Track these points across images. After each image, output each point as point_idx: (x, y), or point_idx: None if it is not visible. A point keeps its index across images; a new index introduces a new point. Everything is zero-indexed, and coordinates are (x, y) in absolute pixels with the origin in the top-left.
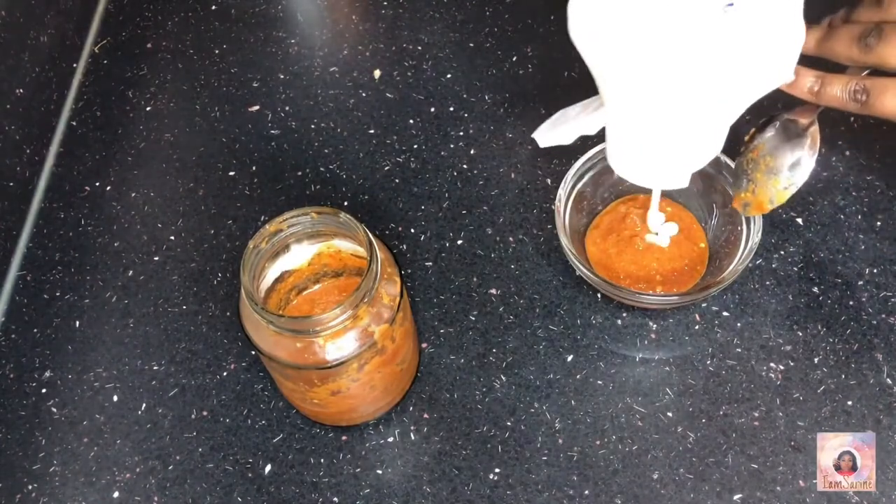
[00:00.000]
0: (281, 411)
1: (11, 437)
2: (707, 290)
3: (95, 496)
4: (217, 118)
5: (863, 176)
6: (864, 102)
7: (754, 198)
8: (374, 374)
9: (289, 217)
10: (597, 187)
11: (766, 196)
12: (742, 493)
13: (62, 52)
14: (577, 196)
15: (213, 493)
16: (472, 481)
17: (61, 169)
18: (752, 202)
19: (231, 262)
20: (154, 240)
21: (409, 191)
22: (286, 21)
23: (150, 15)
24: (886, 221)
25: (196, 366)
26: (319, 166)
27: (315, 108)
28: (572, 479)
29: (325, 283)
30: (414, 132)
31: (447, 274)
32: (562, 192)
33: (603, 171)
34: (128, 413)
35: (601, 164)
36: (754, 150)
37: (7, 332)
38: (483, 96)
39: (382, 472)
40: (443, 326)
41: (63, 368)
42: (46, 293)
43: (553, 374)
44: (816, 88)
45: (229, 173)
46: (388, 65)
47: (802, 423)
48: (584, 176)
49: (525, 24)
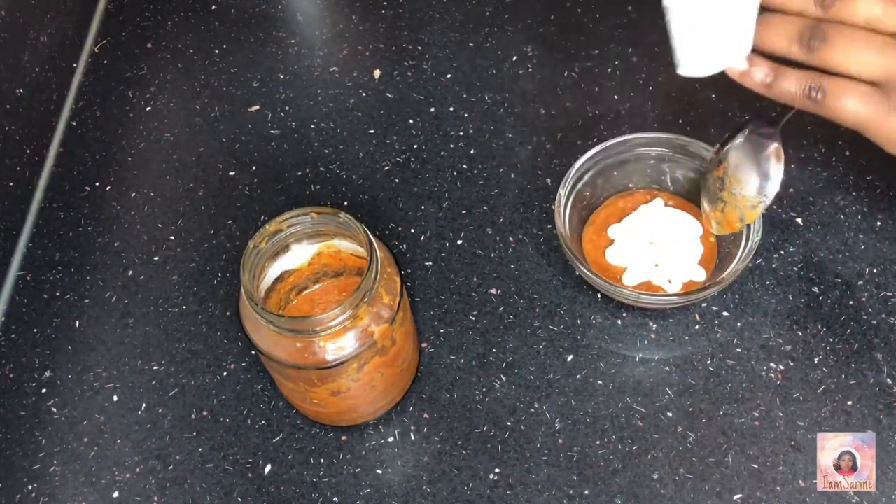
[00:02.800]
0: (281, 411)
1: (11, 437)
2: (707, 290)
3: (95, 496)
4: (217, 118)
5: (863, 176)
6: (819, 101)
7: (724, 216)
8: (374, 374)
9: (289, 217)
10: (596, 187)
11: (736, 214)
12: (742, 493)
13: (62, 52)
14: (577, 196)
15: (213, 493)
16: (472, 481)
17: (61, 169)
18: (721, 221)
19: (231, 262)
20: (154, 240)
21: (409, 191)
22: (286, 21)
23: (150, 15)
24: (886, 221)
25: (196, 366)
26: (319, 166)
27: (315, 108)
28: (572, 479)
29: (325, 283)
30: (414, 132)
31: (447, 274)
32: (562, 192)
33: (603, 170)
34: (128, 413)
35: (601, 163)
36: (720, 167)
37: (7, 332)
38: (483, 96)
39: (382, 472)
40: (443, 326)
41: (63, 368)
42: (46, 293)
43: (553, 374)
44: (769, 81)
45: (229, 173)
46: (388, 65)
47: (802, 423)
48: (583, 176)
49: (525, 24)
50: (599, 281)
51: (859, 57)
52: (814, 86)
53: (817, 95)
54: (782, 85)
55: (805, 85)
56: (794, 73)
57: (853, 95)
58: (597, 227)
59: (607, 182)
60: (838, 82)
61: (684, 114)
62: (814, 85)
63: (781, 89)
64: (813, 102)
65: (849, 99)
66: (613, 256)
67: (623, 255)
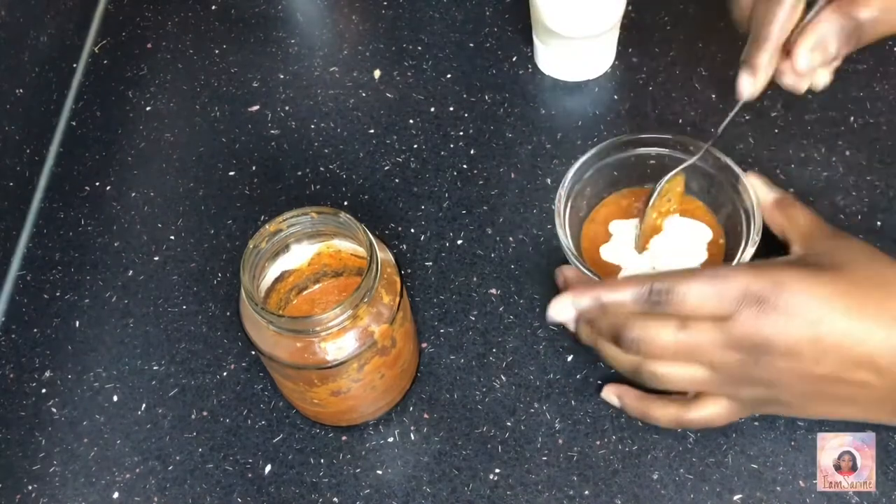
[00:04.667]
0: (281, 411)
1: (11, 437)
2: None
3: (95, 496)
4: (217, 118)
5: (863, 176)
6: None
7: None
8: (374, 375)
9: (289, 217)
10: (596, 186)
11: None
12: (742, 493)
13: (62, 52)
14: (577, 196)
15: (213, 493)
16: (472, 481)
17: (61, 169)
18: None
19: (231, 262)
20: (154, 240)
21: (409, 191)
22: (286, 21)
23: (150, 15)
24: (886, 221)
25: (196, 366)
26: (319, 166)
27: (315, 108)
28: (572, 479)
29: (325, 283)
30: (414, 132)
31: (447, 274)
32: (561, 192)
33: (602, 168)
34: (128, 413)
35: (601, 162)
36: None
37: (7, 332)
38: (483, 96)
39: (382, 472)
40: (443, 326)
41: (63, 368)
42: (46, 293)
43: (553, 374)
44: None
45: (229, 173)
46: (388, 65)
47: (802, 423)
48: (583, 175)
49: (525, 24)
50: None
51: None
52: (633, 337)
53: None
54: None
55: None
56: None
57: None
58: (596, 226)
59: (607, 182)
60: (651, 343)
61: (684, 113)
62: (633, 336)
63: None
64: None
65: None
66: (608, 253)
67: (618, 254)
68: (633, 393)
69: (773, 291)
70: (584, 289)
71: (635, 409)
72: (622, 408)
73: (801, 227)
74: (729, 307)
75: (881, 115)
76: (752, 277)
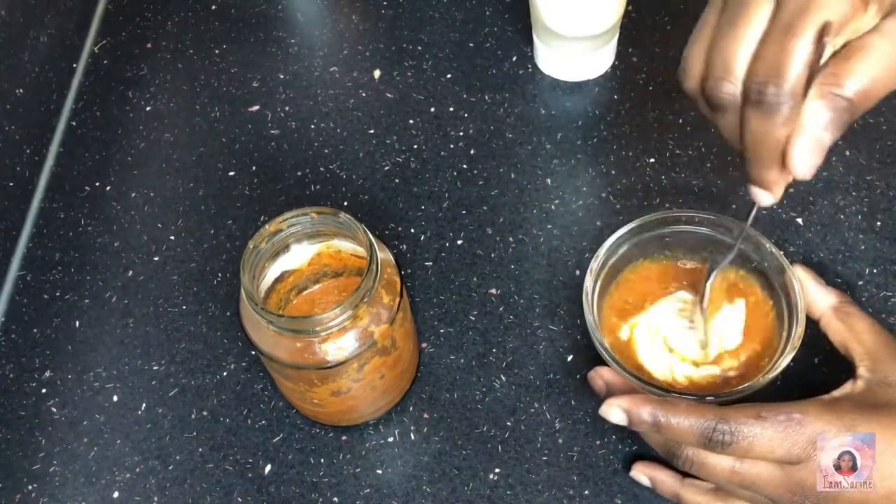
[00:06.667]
0: (281, 411)
1: (11, 437)
2: (736, 392)
3: (95, 496)
4: (217, 118)
5: (863, 176)
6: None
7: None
8: (374, 375)
9: (289, 217)
10: (625, 260)
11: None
12: None
13: (62, 52)
14: (605, 276)
15: (213, 493)
16: (472, 481)
17: (61, 169)
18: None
19: (231, 262)
20: (154, 240)
21: (409, 191)
22: (286, 21)
23: (150, 15)
24: (886, 221)
25: (196, 366)
26: (319, 166)
27: (315, 108)
28: (572, 479)
29: (325, 283)
30: (414, 132)
31: (447, 274)
32: (588, 282)
33: (631, 245)
34: (128, 413)
35: (626, 244)
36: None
37: (7, 332)
38: (483, 96)
39: (382, 472)
40: (443, 326)
41: (63, 368)
42: (46, 293)
43: (553, 374)
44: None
45: (229, 173)
46: (388, 65)
47: None
48: (610, 258)
49: (525, 24)
50: (653, 388)
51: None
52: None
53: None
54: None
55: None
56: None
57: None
58: (614, 303)
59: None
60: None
61: (684, 114)
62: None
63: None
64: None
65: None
66: (650, 360)
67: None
68: (665, 473)
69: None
70: (641, 403)
71: (668, 487)
72: (653, 488)
73: (866, 344)
74: (799, 454)
75: (881, 115)
76: (826, 424)
